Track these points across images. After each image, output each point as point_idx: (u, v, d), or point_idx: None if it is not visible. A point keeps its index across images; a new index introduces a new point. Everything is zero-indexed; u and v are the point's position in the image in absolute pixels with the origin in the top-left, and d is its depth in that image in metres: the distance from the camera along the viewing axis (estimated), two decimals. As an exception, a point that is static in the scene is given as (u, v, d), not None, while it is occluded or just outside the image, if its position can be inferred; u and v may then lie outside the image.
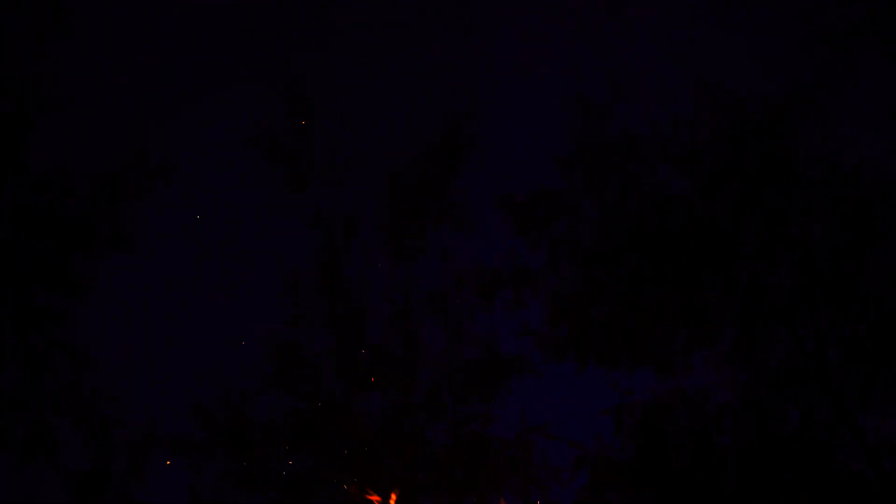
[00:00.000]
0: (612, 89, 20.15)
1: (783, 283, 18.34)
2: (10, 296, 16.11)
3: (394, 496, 20.46)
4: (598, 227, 19.27)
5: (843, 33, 17.92)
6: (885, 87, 18.34)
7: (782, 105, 18.68)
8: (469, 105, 21.94)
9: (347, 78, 23.83)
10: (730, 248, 18.45)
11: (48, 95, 16.65)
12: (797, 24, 18.43)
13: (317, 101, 22.26)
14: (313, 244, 21.81)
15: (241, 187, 23.11)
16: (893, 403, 17.63)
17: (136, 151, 17.67)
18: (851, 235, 18.06)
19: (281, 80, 22.24)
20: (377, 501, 20.43)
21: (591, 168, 19.58)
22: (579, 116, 19.90)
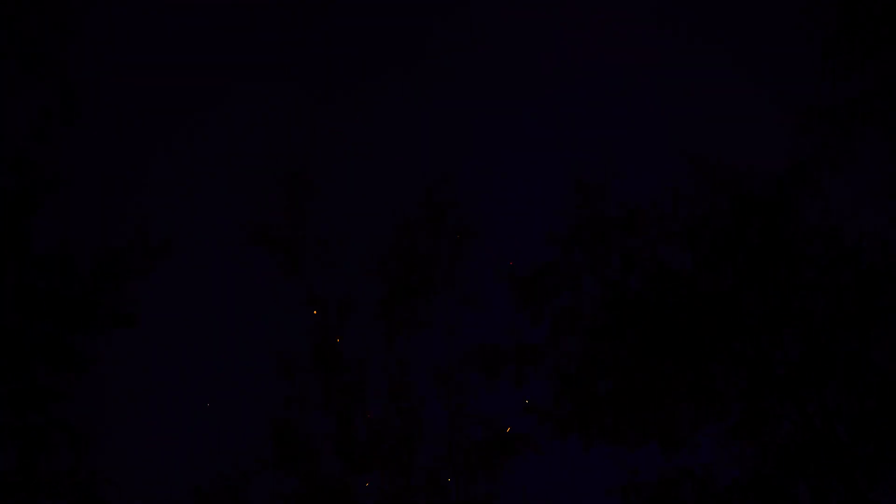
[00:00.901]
0: (610, 166, 20.25)
1: (788, 358, 18.24)
2: (10, 375, 15.92)
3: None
4: (600, 302, 19.22)
5: (841, 108, 18.07)
6: (884, 162, 18.44)
7: (781, 180, 18.77)
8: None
9: (346, 161, 23.96)
10: (733, 322, 18.38)
11: (51, 175, 16.62)
12: (795, 99, 18.58)
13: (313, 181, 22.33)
14: (311, 323, 21.67)
15: (240, 268, 23.06)
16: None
17: (138, 230, 17.60)
18: (854, 309, 18.01)
19: (279, 164, 22.31)
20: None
21: (591, 244, 19.60)
22: (579, 194, 20.00)
